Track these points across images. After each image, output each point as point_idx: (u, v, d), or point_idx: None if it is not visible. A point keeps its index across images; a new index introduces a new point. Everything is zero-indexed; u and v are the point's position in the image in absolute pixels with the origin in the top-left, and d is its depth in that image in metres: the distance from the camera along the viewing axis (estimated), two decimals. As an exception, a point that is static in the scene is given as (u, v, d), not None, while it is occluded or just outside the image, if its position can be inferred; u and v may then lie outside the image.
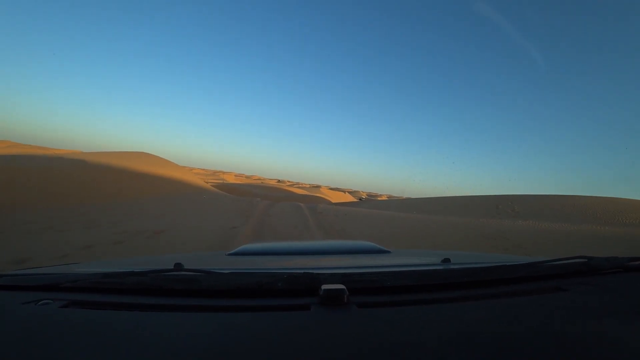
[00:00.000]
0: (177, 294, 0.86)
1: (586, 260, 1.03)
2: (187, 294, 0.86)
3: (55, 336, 0.61)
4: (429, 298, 0.85)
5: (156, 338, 0.61)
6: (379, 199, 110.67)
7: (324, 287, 0.78)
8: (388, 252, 1.71)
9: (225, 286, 0.86)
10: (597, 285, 0.92)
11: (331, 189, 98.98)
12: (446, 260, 1.22)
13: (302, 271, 0.87)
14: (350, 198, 69.99)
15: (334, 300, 0.75)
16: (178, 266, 0.95)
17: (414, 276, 0.93)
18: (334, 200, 42.66)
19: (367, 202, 20.28)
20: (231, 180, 75.96)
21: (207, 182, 23.60)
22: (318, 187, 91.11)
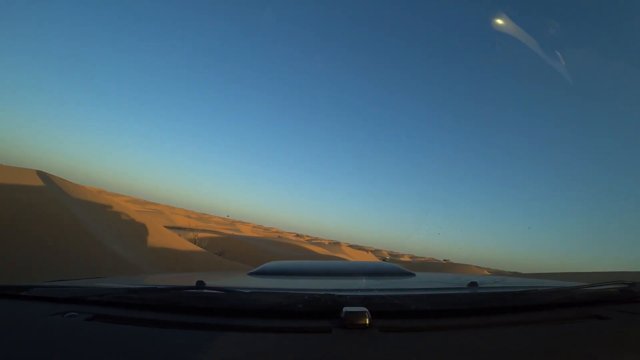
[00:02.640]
0: (198, 312, 0.85)
1: (627, 286, 0.94)
2: (207, 313, 0.84)
3: (79, 349, 0.62)
4: (455, 324, 0.80)
5: (175, 356, 0.60)
6: (402, 259, 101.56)
7: (346, 309, 0.75)
8: (412, 274, 1.64)
9: (246, 305, 0.85)
10: None
11: (351, 246, 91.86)
12: (473, 284, 1.12)
13: (323, 292, 0.84)
14: (374, 260, 62.88)
15: (355, 323, 0.72)
16: (200, 284, 0.92)
17: (439, 300, 0.90)
18: (359, 262, 36.42)
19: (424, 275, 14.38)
20: (247, 232, 70.54)
21: (196, 235, 17.35)
22: (338, 244, 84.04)
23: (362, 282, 1.46)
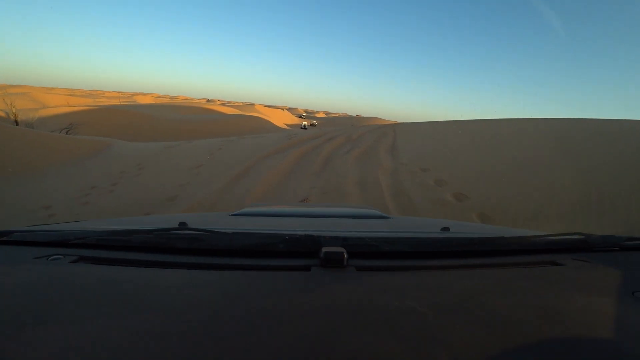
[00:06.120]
0: (181, 252, 0.84)
1: (584, 237, 1.00)
2: (191, 252, 0.84)
3: (66, 290, 0.61)
4: (426, 265, 0.83)
5: (161, 293, 0.61)
6: (317, 115, 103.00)
7: (324, 249, 0.76)
8: (388, 218, 1.61)
9: (228, 245, 0.84)
10: (592, 262, 0.89)
11: (267, 106, 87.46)
12: (445, 229, 1.18)
13: (303, 233, 0.86)
14: (291, 117, 60.77)
15: (333, 262, 0.74)
16: (182, 225, 0.95)
17: (412, 243, 0.92)
18: (275, 121, 33.31)
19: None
20: (147, 102, 60.05)
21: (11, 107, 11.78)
22: (252, 105, 78.78)
23: (341, 224, 1.39)
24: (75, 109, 20.29)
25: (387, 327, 0.51)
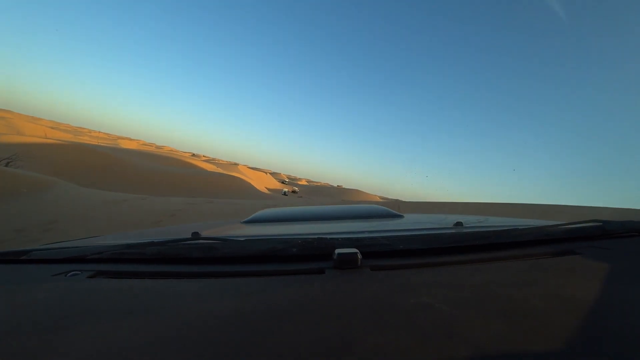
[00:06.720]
0: (195, 261, 0.84)
1: (601, 224, 0.98)
2: (205, 262, 0.84)
3: (85, 305, 0.62)
4: (441, 261, 0.82)
5: (178, 303, 0.61)
6: (299, 182, 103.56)
7: (338, 251, 0.76)
8: (400, 216, 1.63)
9: (242, 253, 0.84)
10: (611, 249, 0.86)
11: (251, 168, 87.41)
12: (458, 224, 1.16)
13: (316, 236, 0.85)
14: (273, 182, 60.27)
15: (347, 263, 0.74)
16: (195, 235, 0.95)
17: (426, 240, 0.90)
18: (257, 184, 32.08)
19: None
20: (130, 147, 58.37)
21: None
22: (236, 164, 78.39)
23: (353, 225, 1.40)
24: (48, 141, 18.62)
25: (404, 325, 0.51)
